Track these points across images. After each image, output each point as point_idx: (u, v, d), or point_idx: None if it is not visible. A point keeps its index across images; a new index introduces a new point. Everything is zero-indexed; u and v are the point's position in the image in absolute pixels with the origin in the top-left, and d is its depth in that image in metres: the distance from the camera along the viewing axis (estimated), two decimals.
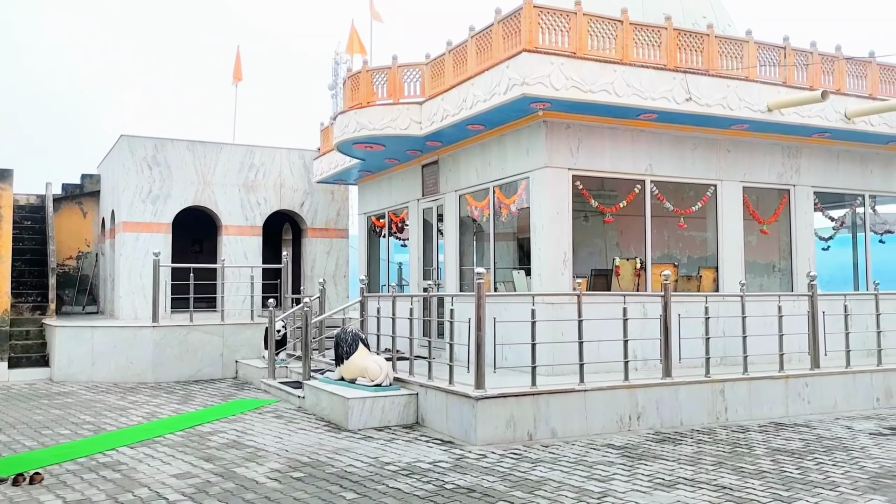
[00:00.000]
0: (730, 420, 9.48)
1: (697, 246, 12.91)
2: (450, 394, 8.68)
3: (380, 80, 12.14)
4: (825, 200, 12.88)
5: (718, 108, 10.53)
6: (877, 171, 12.96)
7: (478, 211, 12.05)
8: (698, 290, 11.65)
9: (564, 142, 10.50)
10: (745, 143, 11.75)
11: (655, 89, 10.11)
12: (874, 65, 11.94)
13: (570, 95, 9.60)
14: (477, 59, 10.56)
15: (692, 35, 10.60)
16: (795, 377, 10.02)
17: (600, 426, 8.72)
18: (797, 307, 10.88)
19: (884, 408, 10.51)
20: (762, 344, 10.14)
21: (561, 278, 10.37)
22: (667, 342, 9.32)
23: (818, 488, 6.31)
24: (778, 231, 12.52)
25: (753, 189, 11.97)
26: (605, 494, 6.13)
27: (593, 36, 9.92)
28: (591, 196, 10.75)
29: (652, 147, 11.08)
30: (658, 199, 11.07)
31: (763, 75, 10.97)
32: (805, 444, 8.12)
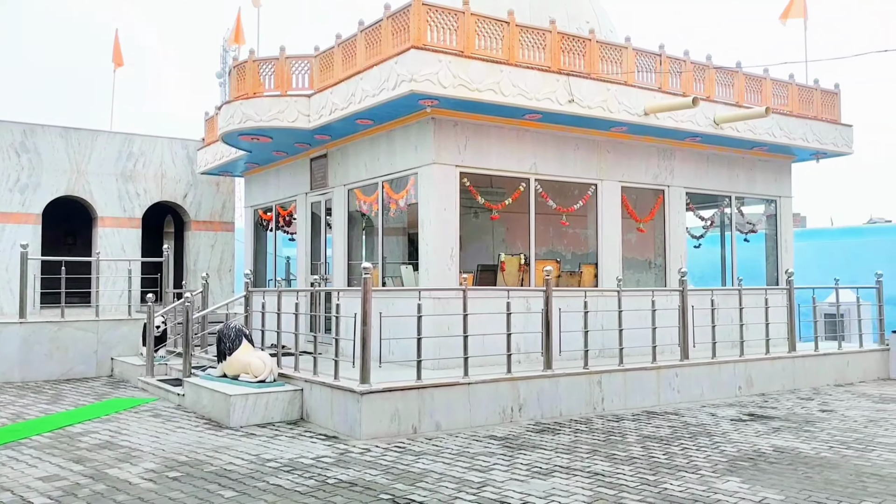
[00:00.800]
0: (606, 410, 9.91)
1: (579, 243, 13.39)
2: (335, 389, 8.65)
3: (267, 71, 11.91)
4: (696, 201, 13.64)
5: (599, 110, 10.96)
6: (742, 174, 13.84)
7: (367, 205, 12.04)
8: (579, 285, 12.10)
9: (452, 139, 10.65)
10: (624, 144, 12.28)
11: (540, 90, 10.41)
12: (740, 74, 12.73)
13: (458, 93, 9.75)
14: (366, 54, 10.54)
15: (575, 39, 10.97)
16: (667, 368, 10.59)
17: (484, 418, 8.92)
18: (670, 302, 11.47)
19: (745, 395, 11.26)
20: (637, 337, 10.64)
21: (448, 273, 10.52)
22: (548, 336, 9.64)
23: (682, 471, 6.70)
24: (653, 229, 13.16)
25: (631, 189, 12.52)
26: (485, 484, 6.29)
27: (481, 36, 10.10)
28: (479, 193, 10.96)
29: (536, 146, 11.40)
30: (542, 197, 11.41)
31: (640, 81, 11.50)
32: (673, 431, 8.60)
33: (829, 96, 14.04)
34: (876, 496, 5.93)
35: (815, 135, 13.57)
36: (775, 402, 10.68)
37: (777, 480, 6.41)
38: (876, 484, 6.30)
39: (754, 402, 10.79)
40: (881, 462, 7.07)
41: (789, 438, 8.16)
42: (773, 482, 6.35)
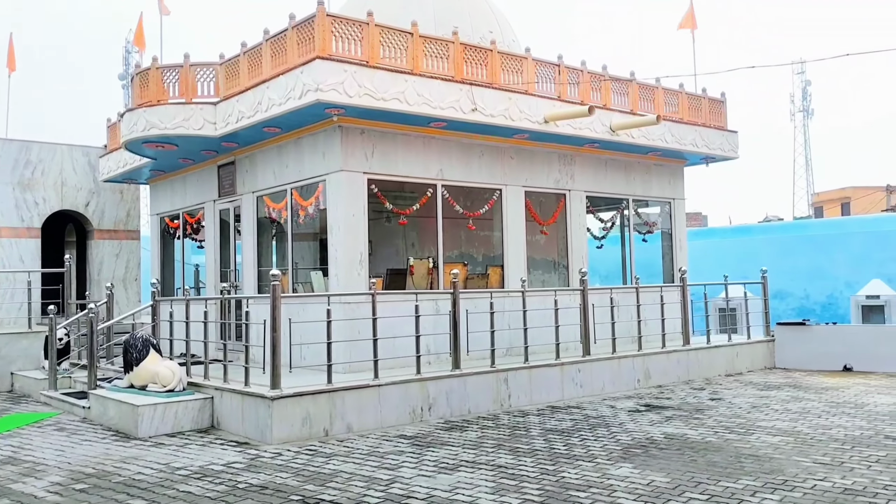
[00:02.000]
0: (513, 406, 10.31)
1: (486, 245, 13.82)
2: (245, 395, 8.72)
3: (171, 79, 11.81)
4: (596, 204, 14.28)
5: (501, 118, 11.38)
6: (638, 178, 14.58)
7: (276, 212, 12.09)
8: (486, 286, 12.50)
9: (359, 146, 10.86)
10: (527, 150, 12.76)
11: (444, 99, 10.74)
12: (634, 84, 13.43)
13: (364, 102, 9.97)
14: (272, 63, 10.62)
15: (477, 49, 11.36)
16: (570, 364, 11.09)
17: (394, 418, 9.17)
18: (572, 300, 11.99)
19: (643, 388, 11.90)
20: (542, 335, 11.11)
21: (357, 278, 10.71)
22: (456, 336, 9.97)
23: (580, 461, 7.13)
24: (556, 231, 13.71)
25: (534, 193, 13.02)
26: (394, 481, 6.54)
27: (385, 46, 10.35)
28: (387, 199, 11.20)
29: (442, 153, 11.74)
30: (449, 202, 11.75)
31: (541, 90, 11.99)
32: (574, 424, 9.06)
33: (716, 104, 14.95)
34: (751, 475, 6.48)
35: (704, 140, 14.43)
36: (670, 393, 11.34)
37: (665, 465, 6.90)
38: (752, 464, 6.87)
39: (651, 393, 11.42)
40: (759, 444, 7.69)
41: (680, 426, 8.74)
42: (662, 466, 6.84)
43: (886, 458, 6.92)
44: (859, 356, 13.17)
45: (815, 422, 8.77)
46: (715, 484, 6.20)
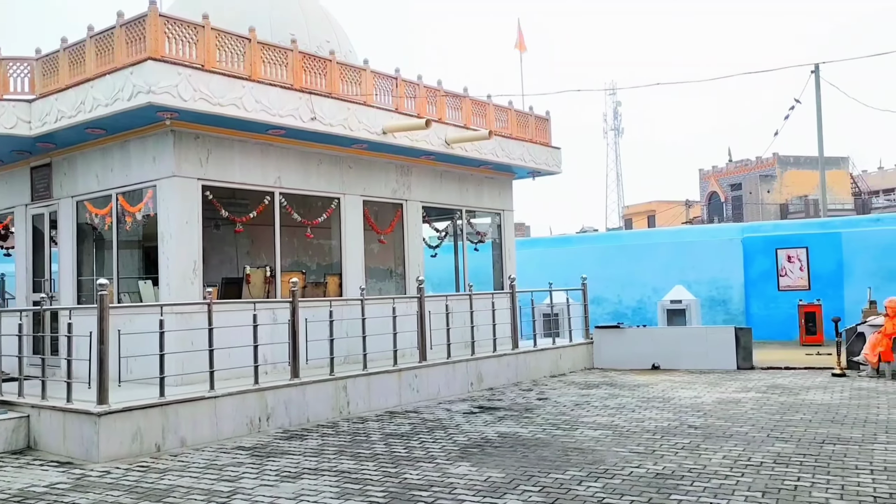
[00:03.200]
0: (352, 413, 10.42)
1: (324, 254, 13.83)
2: (68, 412, 8.21)
3: None
4: (432, 214, 14.74)
5: (340, 128, 11.50)
6: (471, 189, 15.20)
7: (98, 219, 11.44)
8: (325, 295, 12.52)
9: (194, 151, 10.54)
10: (365, 160, 12.95)
11: (283, 107, 10.69)
12: (468, 100, 14.02)
13: (199, 107, 9.72)
14: (97, 62, 10.08)
15: (316, 59, 11.41)
16: (407, 370, 11.36)
17: (231, 430, 8.98)
18: (409, 308, 12.28)
19: (476, 390, 12.41)
20: (380, 342, 11.30)
21: (191, 287, 10.38)
22: (294, 345, 9.93)
23: (420, 462, 7.38)
24: (394, 240, 13.99)
25: (372, 202, 13.23)
26: (235, 493, 6.45)
27: (222, 50, 10.15)
28: (222, 206, 10.94)
29: (280, 161, 11.65)
30: (287, 210, 11.67)
31: (379, 101, 12.23)
32: (413, 427, 9.32)
33: (541, 122, 15.92)
34: (577, 466, 7.03)
35: (531, 155, 15.33)
36: (501, 395, 11.92)
37: (500, 462, 7.31)
38: (578, 456, 7.44)
39: (484, 395, 11.95)
40: (582, 438, 8.32)
41: (511, 425, 9.24)
42: (497, 463, 7.24)
43: (690, 445, 7.74)
44: (665, 355, 14.49)
45: (629, 416, 9.60)
46: (546, 476, 6.67)
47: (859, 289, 16.88)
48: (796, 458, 6.99)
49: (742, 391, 11.28)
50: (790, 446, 7.51)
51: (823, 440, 7.75)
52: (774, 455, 7.16)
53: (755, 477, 6.39)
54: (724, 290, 19.94)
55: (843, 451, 7.22)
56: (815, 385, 11.63)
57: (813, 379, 12.31)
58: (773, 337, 18.46)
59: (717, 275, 20.00)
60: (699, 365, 14.14)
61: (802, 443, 7.65)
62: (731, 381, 12.48)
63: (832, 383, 11.77)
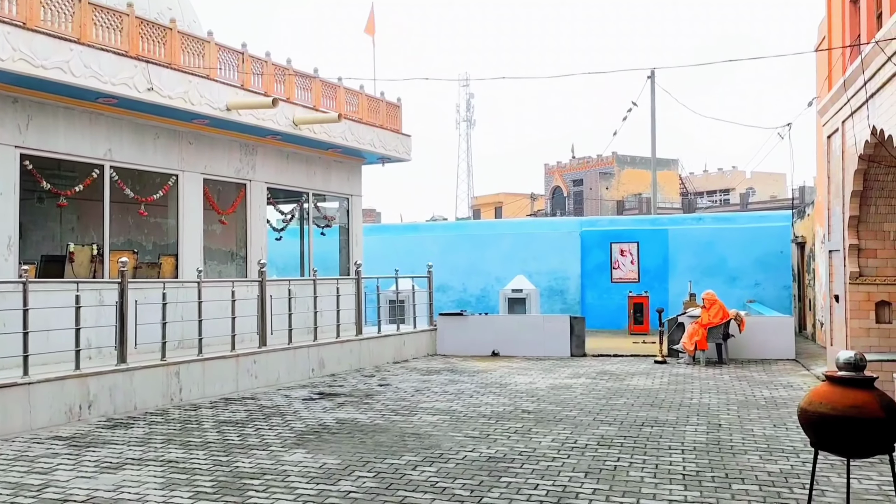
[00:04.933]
0: (184, 399, 9.97)
1: (160, 233, 13.13)
2: None
3: None
4: (277, 196, 14.36)
5: (180, 101, 10.92)
6: (319, 172, 14.96)
7: None
8: (159, 276, 11.89)
9: (11, 117, 9.65)
10: (207, 137, 12.39)
11: (116, 74, 10.01)
12: (318, 80, 13.76)
13: (18, 68, 8.90)
14: None
15: (155, 26, 10.77)
16: (245, 355, 11.02)
17: (47, 419, 8.33)
18: (250, 292, 11.91)
19: (317, 377, 12.26)
20: (219, 326, 10.88)
21: (5, 264, 9.53)
22: (122, 329, 9.35)
23: (254, 450, 7.18)
24: (236, 222, 13.51)
25: (214, 181, 12.69)
26: (47, 486, 5.99)
27: (47, 8, 9.35)
28: (43, 177, 10.11)
29: (112, 132, 10.90)
30: (118, 185, 10.96)
31: (223, 76, 11.74)
32: (249, 414, 9.06)
33: (393, 108, 15.91)
34: (413, 451, 7.10)
35: (381, 141, 15.28)
36: (343, 381, 11.85)
37: (337, 448, 7.25)
38: (414, 441, 7.51)
39: (325, 382, 11.82)
40: (420, 423, 8.42)
41: (351, 411, 9.20)
42: (333, 450, 7.17)
43: (522, 429, 8.04)
44: (505, 342, 14.97)
45: (467, 401, 9.84)
46: (381, 462, 6.69)
47: (682, 282, 18.24)
48: (618, 440, 7.43)
49: (574, 377, 11.86)
50: (613, 429, 7.97)
51: (643, 423, 8.28)
52: (599, 437, 7.57)
53: (580, 458, 6.73)
54: (563, 280, 20.87)
55: (658, 433, 7.75)
56: (639, 371, 12.43)
57: (638, 366, 13.15)
58: (606, 326, 19.55)
59: (557, 266, 20.89)
60: (536, 352, 14.72)
61: (624, 425, 8.14)
62: (564, 367, 13.08)
63: (654, 370, 12.63)
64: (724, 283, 18.28)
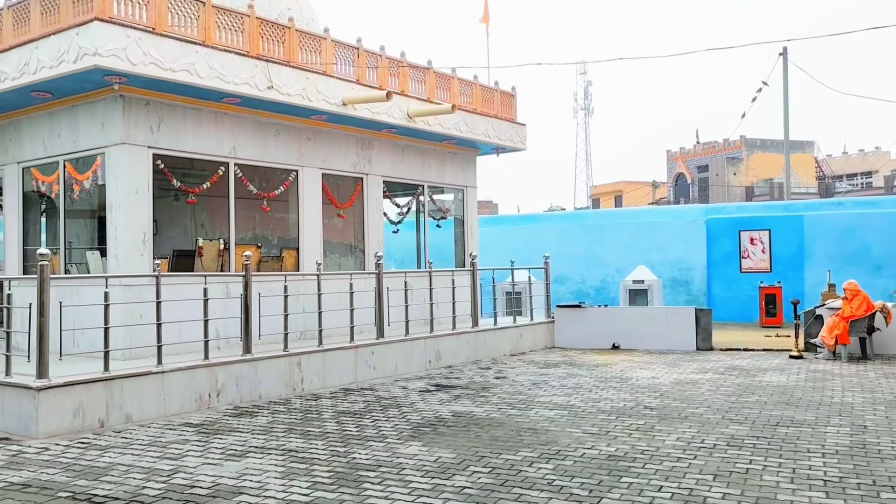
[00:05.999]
0: (306, 389, 10.21)
1: (282, 228, 13.52)
2: (6, 386, 7.89)
3: None
4: (394, 189, 14.48)
5: (299, 98, 11.16)
6: (434, 164, 14.96)
7: (46, 186, 11.02)
8: (281, 269, 12.25)
9: (144, 118, 10.16)
10: (324, 132, 12.63)
11: (238, 74, 10.33)
12: (431, 72, 13.74)
13: (149, 72, 9.34)
14: (42, 21, 9.62)
15: (274, 26, 11.04)
16: (363, 347, 11.17)
17: (179, 406, 8.73)
18: (367, 284, 12.06)
19: (434, 368, 12.28)
20: (337, 318, 11.08)
21: (140, 259, 10.05)
22: (247, 320, 9.67)
23: (370, 441, 7.22)
24: (353, 215, 13.72)
25: (332, 176, 12.93)
26: (176, 471, 6.23)
27: (174, 13, 9.75)
28: (174, 176, 10.58)
29: (236, 130, 11.29)
30: (242, 181, 11.34)
31: (339, 72, 11.90)
32: (366, 405, 9.16)
33: (507, 97, 15.69)
34: (529, 447, 6.92)
35: (496, 131, 15.11)
36: (459, 373, 11.80)
37: (452, 441, 7.18)
38: (531, 437, 7.33)
39: (441, 373, 11.82)
40: (537, 418, 8.22)
41: (467, 404, 9.12)
42: (449, 443, 7.10)
43: (644, 426, 7.68)
44: (625, 335, 14.49)
45: (586, 395, 9.54)
46: (497, 457, 6.55)
47: (819, 271, 17.06)
48: (749, 441, 6.96)
49: (700, 372, 11.29)
50: (744, 428, 7.48)
51: (777, 422, 7.73)
52: (728, 437, 7.12)
53: (707, 459, 6.34)
54: (687, 271, 20.02)
55: (796, 434, 7.21)
56: (773, 367, 11.69)
57: (770, 361, 12.38)
58: (734, 318, 18.61)
59: (681, 256, 20.07)
60: (659, 345, 14.16)
61: (756, 425, 7.63)
62: (689, 361, 12.50)
63: (789, 365, 11.84)
64: (867, 273, 16.94)
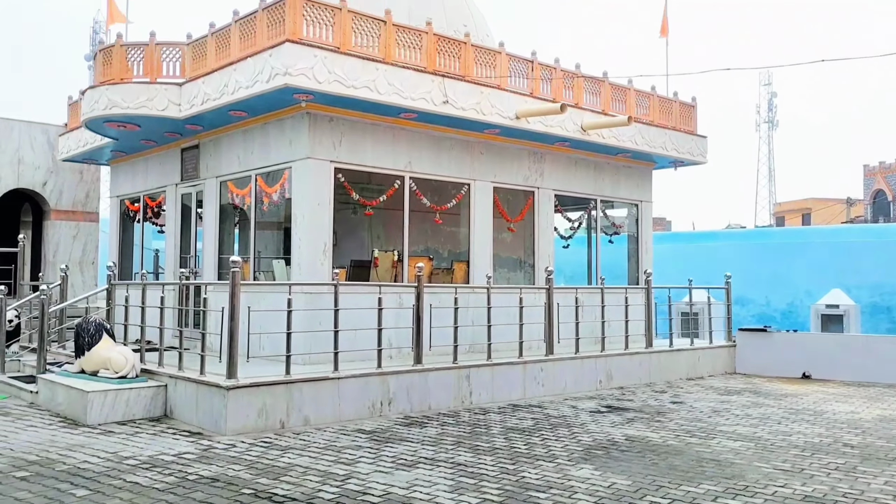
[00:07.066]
0: (474, 403, 10.19)
1: (452, 240, 13.67)
2: (200, 384, 8.47)
3: (135, 57, 11.46)
4: (565, 203, 14.23)
5: (473, 112, 11.24)
6: (607, 178, 14.55)
7: (239, 199, 11.82)
8: (451, 281, 12.36)
9: (327, 134, 10.63)
10: (497, 146, 12.64)
11: (415, 90, 10.57)
12: (607, 84, 13.39)
13: (333, 89, 9.76)
14: (240, 45, 10.35)
15: (451, 42, 11.21)
16: (533, 363, 10.99)
17: (353, 412, 8.98)
18: (537, 299, 11.88)
19: (605, 388, 11.86)
20: (506, 332, 10.99)
21: (321, 268, 10.50)
22: (419, 331, 9.81)
23: (540, 460, 7.02)
24: (524, 229, 13.62)
25: (503, 189, 12.91)
26: (350, 476, 6.36)
27: (357, 33, 10.15)
28: (353, 189, 10.99)
29: (411, 145, 11.56)
30: (416, 194, 11.58)
31: (513, 85, 11.87)
32: (535, 423, 8.96)
33: (686, 108, 14.99)
34: (713, 479, 6.44)
35: (674, 144, 14.46)
36: (632, 395, 11.32)
37: (626, 467, 6.83)
38: (714, 468, 6.83)
39: (613, 394, 11.39)
40: (720, 448, 7.66)
41: (641, 428, 8.69)
42: (623, 469, 6.76)
43: (845, 466, 6.93)
44: (818, 364, 13.30)
45: (774, 428, 8.79)
46: (676, 488, 6.14)
47: None
48: None
49: None
50: None
51: None
52: None
53: None
54: (890, 296, 18.15)
55: None
56: None
57: None
58: None
59: (882, 279, 18.24)
60: (858, 377, 12.87)
61: None
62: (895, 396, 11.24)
63: None
64: None
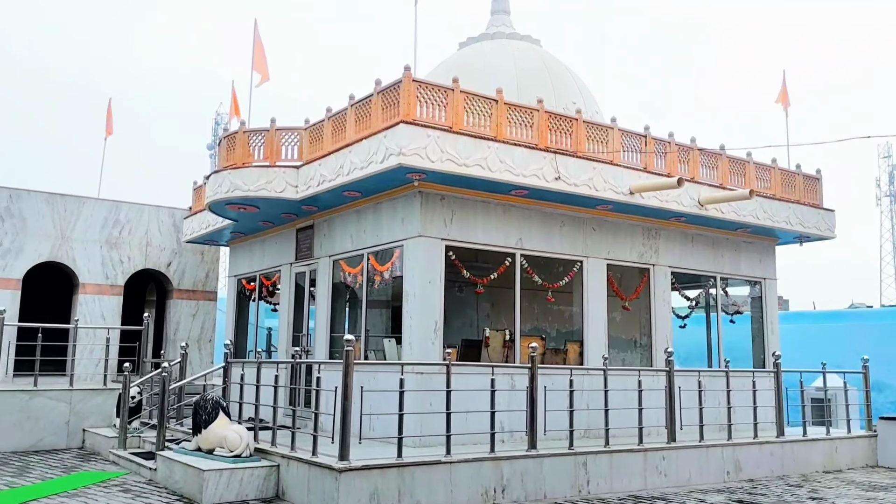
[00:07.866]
0: (591, 492, 9.62)
1: (564, 319, 13.30)
2: (312, 465, 8.37)
3: (257, 142, 11.98)
4: (681, 280, 13.65)
5: (585, 188, 11.06)
6: (727, 255, 13.91)
7: (351, 277, 11.95)
8: (564, 362, 11.94)
9: (439, 212, 10.67)
10: (610, 222, 12.35)
11: (527, 167, 10.51)
12: (724, 157, 12.95)
13: (445, 168, 9.82)
14: (356, 128, 10.65)
15: (562, 118, 11.16)
16: (654, 450, 10.35)
17: (465, 498, 8.63)
18: (656, 382, 11.28)
19: (733, 481, 10.99)
20: (623, 417, 10.42)
21: (431, 348, 10.36)
22: (532, 414, 9.43)
23: None
24: (639, 308, 13.11)
25: (617, 267, 12.52)
26: None
27: (469, 112, 10.25)
28: (464, 267, 10.90)
29: (522, 222, 11.43)
30: (527, 272, 11.37)
31: (626, 160, 11.65)
32: None
33: (810, 181, 14.29)
34: None
35: (799, 218, 13.74)
36: (764, 489, 10.42)
37: None
38: None
39: (743, 487, 10.53)
40: None
41: None
42: None
43: None
44: None
45: None
46: None
47: None
48: None
49: None
50: None
51: None
52: None
53: None
54: None
55: None
56: None
57: None
58: None
59: None
60: None
61: None
62: None
63: None
64: None
